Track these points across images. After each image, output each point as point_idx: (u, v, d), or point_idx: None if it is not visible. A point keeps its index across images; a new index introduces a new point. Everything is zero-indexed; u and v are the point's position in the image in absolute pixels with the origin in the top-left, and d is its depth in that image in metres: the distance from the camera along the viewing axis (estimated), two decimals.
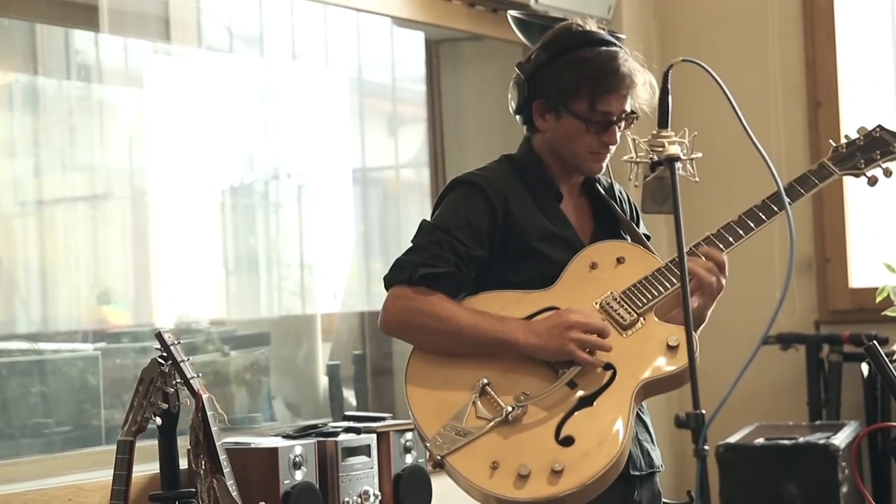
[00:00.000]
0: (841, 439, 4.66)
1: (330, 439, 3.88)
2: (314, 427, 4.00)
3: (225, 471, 3.40)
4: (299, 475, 3.72)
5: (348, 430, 4.00)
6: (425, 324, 2.90)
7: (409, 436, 4.07)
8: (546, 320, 2.89)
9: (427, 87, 5.53)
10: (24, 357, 4.25)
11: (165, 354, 3.41)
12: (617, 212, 3.12)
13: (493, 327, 2.88)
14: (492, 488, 2.76)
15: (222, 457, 3.40)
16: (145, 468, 3.70)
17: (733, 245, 3.01)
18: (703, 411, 2.35)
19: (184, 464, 3.66)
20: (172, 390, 3.41)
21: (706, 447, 2.34)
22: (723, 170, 4.90)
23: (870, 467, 5.16)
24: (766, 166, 2.58)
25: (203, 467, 3.40)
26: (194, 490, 3.45)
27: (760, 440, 4.71)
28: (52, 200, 4.50)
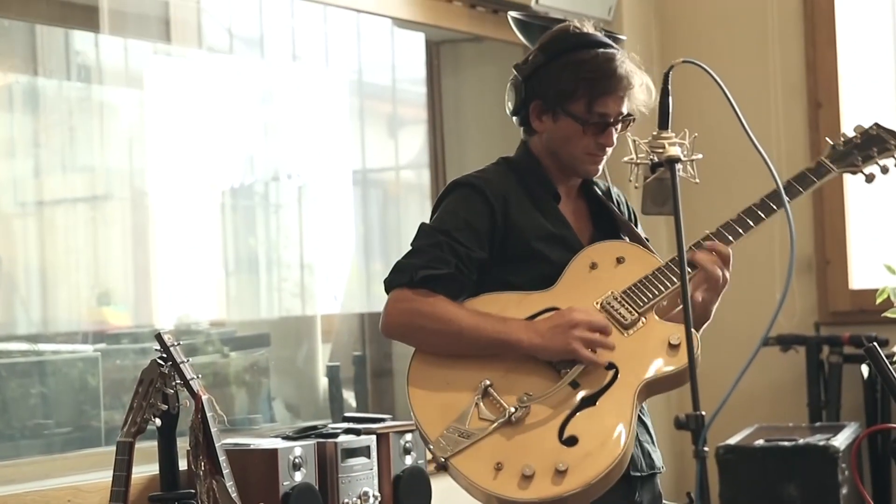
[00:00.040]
0: (841, 441, 4.66)
1: (330, 440, 3.87)
2: (314, 428, 3.99)
3: (224, 472, 3.40)
4: (299, 476, 3.72)
5: (348, 431, 4.00)
6: (427, 325, 2.90)
7: (408, 437, 4.06)
8: (548, 320, 2.89)
9: (427, 88, 5.53)
10: (24, 358, 4.24)
11: (165, 355, 3.41)
12: (615, 213, 3.12)
13: (496, 328, 2.88)
14: (496, 489, 2.75)
15: (222, 458, 3.40)
16: (145, 469, 3.70)
17: (732, 243, 3.01)
18: (703, 413, 2.35)
19: (183, 465, 3.66)
20: (172, 391, 3.41)
21: (706, 448, 2.34)
22: (723, 171, 4.90)
23: (870, 469, 5.16)
24: (766, 165, 2.57)
25: (203, 468, 3.40)
26: (194, 491, 3.45)
27: (760, 442, 4.71)
28: (52, 201, 4.50)
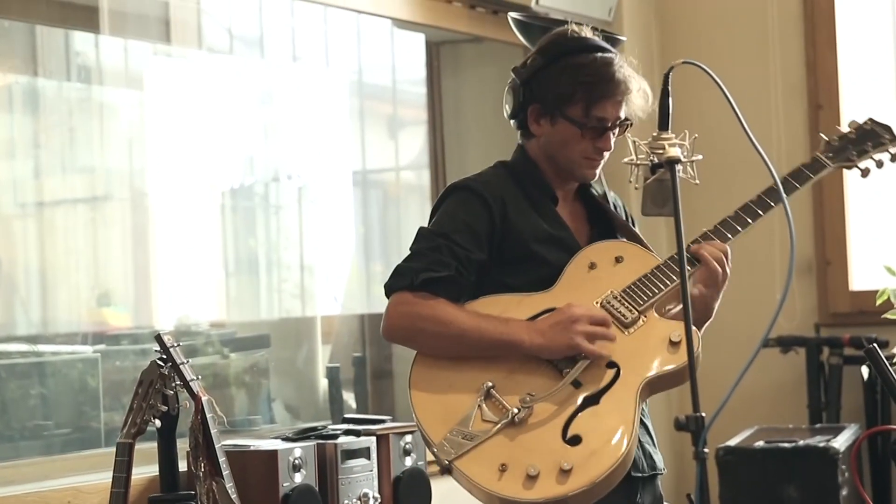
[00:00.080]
0: (841, 442, 4.65)
1: (329, 442, 3.87)
2: (314, 429, 3.99)
3: (224, 473, 3.39)
4: (299, 478, 3.71)
5: (348, 432, 3.99)
6: (428, 328, 2.90)
7: (408, 438, 4.06)
8: (548, 318, 2.89)
9: (427, 89, 5.53)
10: (24, 359, 4.24)
11: (165, 356, 3.41)
12: (612, 214, 3.12)
13: (497, 329, 2.88)
14: (501, 490, 2.75)
15: (222, 459, 3.40)
16: (145, 470, 3.69)
17: (730, 240, 3.01)
18: (703, 414, 2.35)
19: (183, 466, 3.65)
20: (172, 392, 3.40)
21: (706, 450, 2.34)
22: (723, 172, 4.89)
23: (870, 470, 5.16)
24: (764, 163, 2.57)
25: (202, 470, 3.40)
26: (194, 492, 3.45)
27: (760, 443, 4.71)
28: (52, 202, 4.50)
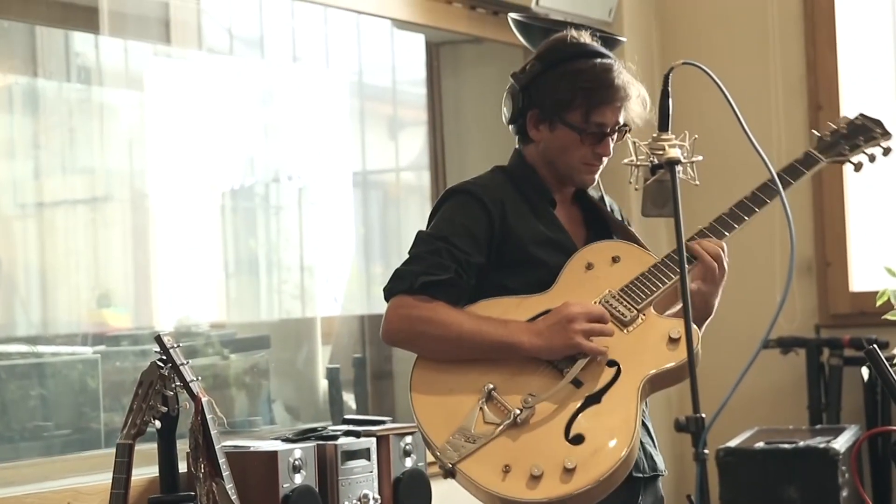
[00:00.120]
0: (841, 443, 4.65)
1: (330, 443, 3.87)
2: (314, 430, 3.98)
3: (224, 474, 3.39)
4: (299, 479, 3.71)
5: (348, 433, 3.99)
6: (428, 331, 2.89)
7: (408, 439, 4.06)
8: (546, 319, 2.89)
9: (427, 89, 5.53)
10: (24, 360, 4.24)
11: (165, 357, 3.41)
12: (608, 216, 3.13)
13: (497, 331, 2.88)
14: (505, 492, 2.75)
15: (222, 460, 3.40)
16: (145, 471, 3.69)
17: (726, 237, 3.02)
18: (703, 415, 2.34)
19: (183, 467, 3.65)
20: (172, 393, 3.40)
21: (706, 451, 2.34)
22: (723, 173, 4.88)
23: (870, 471, 5.15)
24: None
25: (202, 471, 3.39)
26: (194, 493, 3.45)
27: (760, 444, 4.70)
28: (52, 203, 4.50)
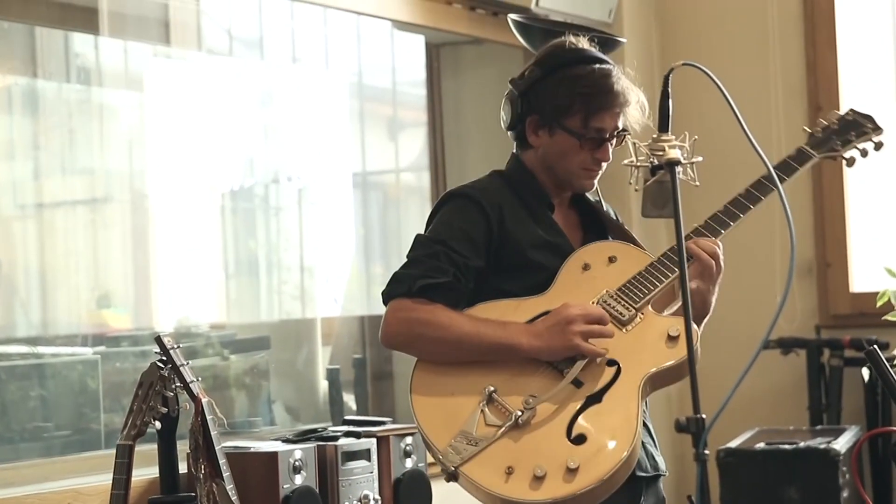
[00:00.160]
0: (842, 444, 4.65)
1: (330, 443, 3.87)
2: (314, 431, 3.98)
3: (224, 475, 3.39)
4: (299, 479, 3.71)
5: (348, 434, 3.99)
6: (427, 333, 2.89)
7: (409, 440, 4.06)
8: (545, 320, 2.89)
9: (427, 90, 5.52)
10: (24, 361, 4.24)
11: (165, 358, 3.41)
12: (605, 217, 3.14)
13: (496, 333, 2.88)
14: (509, 493, 2.75)
15: (222, 461, 3.40)
16: (145, 472, 3.69)
17: (721, 234, 3.02)
18: (704, 416, 2.34)
19: (183, 468, 3.65)
20: (172, 394, 3.40)
21: (706, 452, 2.34)
22: (723, 174, 4.87)
23: (870, 472, 5.15)
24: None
25: (203, 471, 3.39)
26: (194, 494, 3.45)
27: (761, 445, 4.70)
28: (52, 204, 4.50)
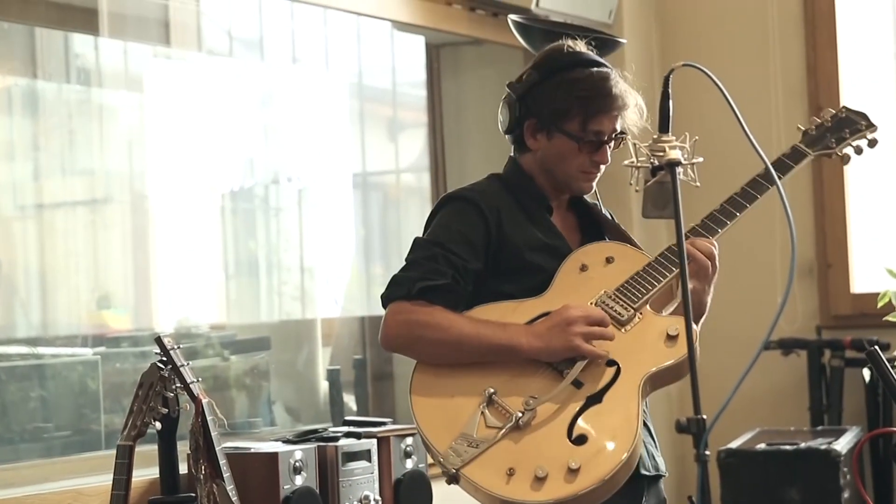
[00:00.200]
0: (842, 445, 4.65)
1: (330, 444, 3.86)
2: (314, 432, 3.98)
3: (225, 476, 3.39)
4: (299, 480, 3.71)
5: (348, 434, 3.99)
6: (427, 335, 2.89)
7: (409, 441, 4.06)
8: (546, 321, 2.89)
9: (427, 91, 5.52)
10: (24, 361, 4.24)
11: (165, 359, 3.41)
12: (603, 219, 3.14)
13: (495, 334, 2.88)
14: (510, 494, 2.74)
15: (222, 461, 3.40)
16: (145, 473, 3.69)
17: (718, 234, 3.02)
18: (704, 416, 2.34)
19: (184, 468, 3.65)
20: (172, 395, 3.40)
21: (707, 452, 2.34)
22: (724, 174, 4.86)
23: (871, 473, 5.15)
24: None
25: (203, 472, 3.39)
26: (194, 495, 3.45)
27: (762, 445, 4.70)
28: (52, 204, 4.50)
